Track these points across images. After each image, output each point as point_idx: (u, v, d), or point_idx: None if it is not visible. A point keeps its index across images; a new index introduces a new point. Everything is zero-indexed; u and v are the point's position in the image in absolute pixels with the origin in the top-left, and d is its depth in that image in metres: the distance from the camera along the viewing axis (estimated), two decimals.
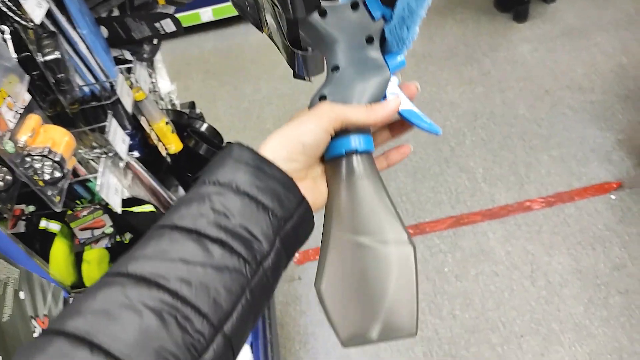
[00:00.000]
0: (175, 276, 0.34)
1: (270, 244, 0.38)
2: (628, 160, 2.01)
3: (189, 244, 0.35)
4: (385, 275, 0.42)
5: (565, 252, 1.78)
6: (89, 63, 1.13)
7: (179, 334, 0.32)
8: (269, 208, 0.39)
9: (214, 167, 0.41)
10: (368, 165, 0.45)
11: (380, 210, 0.44)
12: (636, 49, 2.52)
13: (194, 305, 0.33)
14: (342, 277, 0.43)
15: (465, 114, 2.37)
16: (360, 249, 0.43)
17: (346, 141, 0.44)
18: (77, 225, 1.06)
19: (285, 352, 1.70)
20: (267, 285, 0.38)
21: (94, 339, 0.30)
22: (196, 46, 3.29)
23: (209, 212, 0.37)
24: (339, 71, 0.45)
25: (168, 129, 1.38)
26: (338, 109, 0.43)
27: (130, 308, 0.32)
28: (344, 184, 0.44)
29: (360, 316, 0.42)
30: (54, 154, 0.85)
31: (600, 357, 1.53)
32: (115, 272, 0.34)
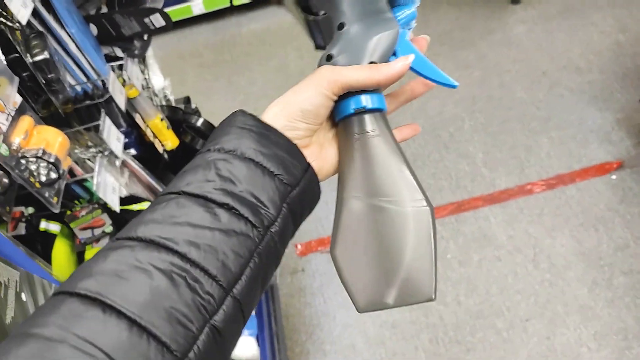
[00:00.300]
0: (183, 239, 0.34)
1: (277, 210, 0.38)
2: (627, 140, 2.00)
3: (197, 208, 0.35)
4: (401, 238, 0.41)
5: (568, 234, 1.77)
6: (79, 62, 1.11)
7: (189, 294, 0.32)
8: (274, 174, 0.39)
9: (218, 135, 0.41)
10: (381, 124, 0.44)
11: (395, 171, 0.42)
12: (633, 26, 2.50)
13: (203, 267, 0.33)
14: (357, 242, 0.42)
15: (462, 99, 2.36)
16: (375, 211, 0.42)
17: (356, 100, 0.43)
18: (77, 225, 1.05)
19: (292, 343, 1.70)
20: (274, 251, 0.38)
21: (105, 299, 0.30)
22: (189, 40, 3.27)
23: (215, 178, 0.37)
24: (345, 28, 0.44)
25: (163, 125, 1.37)
26: (337, 72, 0.42)
27: (141, 269, 0.32)
28: (356, 144, 0.43)
29: (376, 281, 0.41)
30: (48, 155, 0.84)
31: (606, 338, 1.53)
32: (125, 237, 0.35)
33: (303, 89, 0.42)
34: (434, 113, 2.33)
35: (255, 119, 0.41)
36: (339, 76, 0.42)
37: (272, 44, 3.02)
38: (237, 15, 3.32)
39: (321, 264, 1.88)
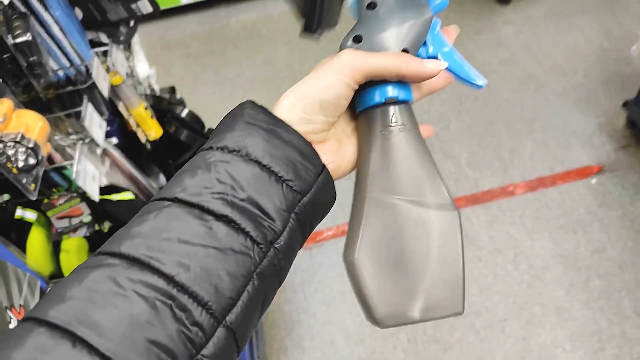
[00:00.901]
0: (172, 259, 0.30)
1: (284, 222, 0.33)
2: (608, 144, 2.03)
3: (191, 221, 0.31)
4: (427, 244, 0.37)
5: (547, 237, 1.80)
6: (62, 46, 1.08)
7: (174, 326, 0.28)
8: (283, 180, 0.34)
9: (223, 129, 0.36)
10: (408, 117, 0.40)
11: (422, 169, 0.39)
12: (617, 32, 2.53)
13: (192, 292, 0.29)
14: (377, 247, 0.37)
15: (449, 98, 2.37)
16: (398, 214, 0.38)
17: (382, 89, 0.39)
18: (54, 214, 1.03)
19: (270, 339, 1.69)
20: (277, 269, 0.34)
21: (77, 330, 0.27)
22: (176, 29, 3.22)
23: (215, 183, 0.33)
24: (376, 8, 0.40)
25: (147, 115, 1.35)
26: (362, 58, 0.38)
27: (120, 296, 0.28)
28: (379, 138, 0.39)
29: (399, 292, 0.37)
30: (27, 140, 0.82)
31: (580, 339, 1.55)
32: (107, 252, 0.31)
33: (322, 76, 0.38)
34: (421, 112, 2.33)
35: (265, 113, 0.37)
36: (364, 62, 0.38)
37: (261, 37, 3.00)
38: (225, 6, 3.29)
39: (303, 260, 1.88)
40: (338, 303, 1.73)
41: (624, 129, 2.06)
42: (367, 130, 0.40)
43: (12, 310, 0.71)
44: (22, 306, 0.75)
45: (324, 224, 1.94)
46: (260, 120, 0.36)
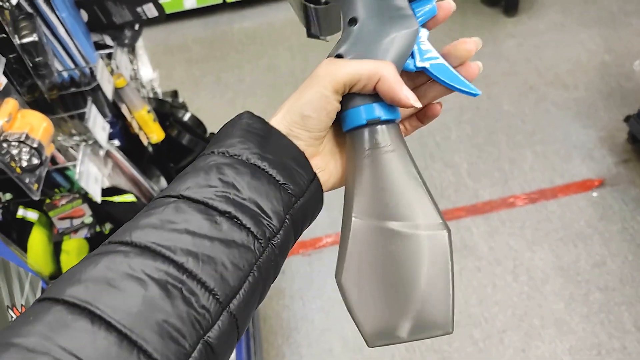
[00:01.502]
0: (181, 248, 0.32)
1: (280, 221, 0.36)
2: (609, 158, 2.04)
3: (196, 215, 0.33)
4: (415, 264, 0.37)
5: (547, 249, 1.79)
6: (68, 47, 1.09)
7: (184, 308, 0.30)
8: (280, 183, 0.36)
9: (222, 137, 0.38)
10: (395, 137, 0.39)
11: (410, 189, 0.38)
12: (618, 47, 2.55)
13: (200, 279, 0.31)
14: (366, 267, 0.38)
15: (451, 108, 2.37)
16: (386, 234, 0.38)
17: (367, 109, 0.38)
18: (55, 215, 1.03)
19: (268, 346, 1.68)
20: (274, 264, 0.36)
21: (95, 309, 0.28)
22: (179, 34, 3.23)
23: (218, 183, 0.35)
24: (357, 24, 0.39)
25: (150, 118, 1.34)
26: (337, 66, 0.38)
27: (134, 278, 0.30)
28: (367, 159, 0.39)
29: (388, 311, 0.37)
30: (31, 140, 0.81)
31: (580, 353, 1.54)
32: (117, 241, 0.32)
33: (304, 90, 0.39)
34: None
35: (262, 122, 0.39)
36: (341, 70, 0.37)
37: (263, 43, 3.01)
38: (229, 12, 3.30)
39: (301, 267, 1.87)
40: (336, 310, 1.73)
41: (625, 143, 2.07)
42: (352, 151, 0.40)
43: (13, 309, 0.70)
44: (23, 306, 0.75)
45: (323, 231, 1.94)
46: (257, 129, 0.38)
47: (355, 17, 0.39)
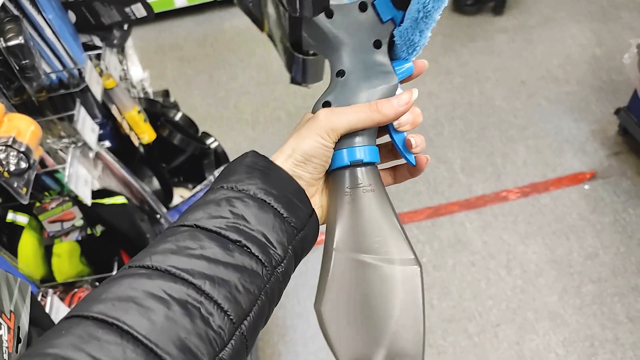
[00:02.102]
0: (199, 272, 0.34)
1: (284, 251, 0.39)
2: (601, 151, 2.05)
3: (210, 242, 0.36)
4: (389, 297, 0.40)
5: (540, 242, 1.80)
6: (55, 49, 1.08)
7: (202, 326, 0.32)
8: (284, 217, 0.39)
9: (230, 173, 0.41)
10: (373, 178, 0.43)
11: (385, 227, 0.42)
12: (609, 40, 2.56)
13: (216, 301, 0.33)
14: (343, 299, 0.41)
15: (443, 104, 2.38)
16: (363, 268, 0.41)
17: (349, 152, 0.42)
18: (45, 218, 1.02)
19: (264, 344, 1.68)
20: (278, 290, 0.39)
21: (123, 325, 0.30)
22: (170, 32, 3.22)
23: (229, 214, 0.38)
24: (344, 76, 0.44)
25: (140, 118, 1.34)
26: (334, 118, 0.42)
27: (157, 297, 0.32)
28: (347, 198, 0.43)
29: (362, 340, 0.40)
30: (19, 144, 0.81)
31: (573, 345, 1.55)
32: (139, 265, 0.35)
33: (305, 137, 0.42)
34: None
35: (266, 160, 0.42)
36: (338, 123, 0.42)
37: (254, 41, 3.00)
38: (220, 9, 3.29)
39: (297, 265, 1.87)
40: None
41: (616, 136, 2.08)
42: (334, 189, 0.44)
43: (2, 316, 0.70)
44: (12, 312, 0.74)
45: None
46: (261, 166, 0.41)
47: (342, 70, 0.44)
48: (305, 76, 0.47)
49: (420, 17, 0.40)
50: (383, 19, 0.43)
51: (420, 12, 0.40)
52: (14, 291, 0.76)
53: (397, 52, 0.45)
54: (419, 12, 0.40)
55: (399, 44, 0.43)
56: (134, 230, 1.11)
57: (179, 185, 1.63)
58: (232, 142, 2.37)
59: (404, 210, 1.98)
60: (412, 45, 0.43)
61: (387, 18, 0.43)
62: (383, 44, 0.43)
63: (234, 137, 2.42)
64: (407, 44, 0.43)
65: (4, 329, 0.72)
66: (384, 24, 0.43)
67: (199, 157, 1.66)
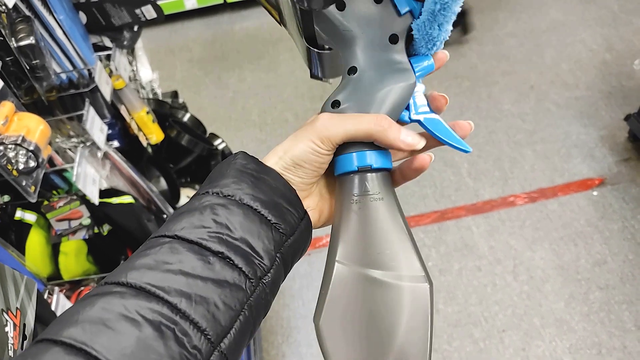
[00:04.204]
0: (175, 289, 0.33)
1: (271, 260, 0.37)
2: (610, 157, 2.03)
3: (190, 255, 0.34)
4: (395, 315, 0.37)
5: (548, 248, 1.79)
6: (66, 49, 1.09)
7: (176, 349, 0.31)
8: (272, 223, 0.38)
9: (217, 177, 0.40)
10: (384, 186, 0.40)
11: (395, 240, 0.38)
12: (619, 46, 2.54)
13: (192, 320, 0.32)
14: (345, 314, 0.38)
15: (451, 108, 2.37)
16: (368, 283, 0.38)
17: (360, 156, 0.39)
18: (53, 216, 1.03)
19: (268, 345, 1.69)
20: (264, 302, 0.37)
21: (91, 350, 0.29)
22: (180, 34, 3.24)
23: (211, 223, 0.36)
24: (357, 74, 0.40)
25: (149, 119, 1.35)
26: (333, 126, 0.39)
27: (129, 319, 0.31)
28: (354, 206, 0.39)
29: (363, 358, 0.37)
30: (28, 143, 0.82)
31: (580, 352, 1.54)
32: (114, 282, 0.33)
33: (299, 140, 0.40)
34: None
35: (256, 162, 0.40)
36: (335, 132, 0.39)
37: (264, 43, 3.01)
38: (230, 12, 3.31)
39: (302, 266, 1.87)
40: None
41: (625, 142, 2.06)
42: (341, 195, 0.40)
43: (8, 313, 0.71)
44: (18, 309, 0.75)
45: (323, 231, 1.93)
46: (251, 169, 0.39)
47: (355, 67, 0.40)
48: (323, 71, 0.44)
49: (437, 10, 0.37)
50: (400, 12, 0.39)
51: (437, 3, 0.36)
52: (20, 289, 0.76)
53: (415, 48, 0.41)
54: (436, 3, 0.36)
55: (417, 38, 0.40)
56: (140, 229, 1.12)
57: (186, 185, 1.64)
58: (240, 144, 2.38)
59: (410, 213, 1.97)
60: (432, 40, 0.39)
61: (405, 10, 0.39)
62: (400, 39, 0.40)
63: (241, 138, 2.43)
64: (425, 39, 0.39)
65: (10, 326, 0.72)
66: (401, 16, 0.39)
67: (207, 158, 1.67)
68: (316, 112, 0.43)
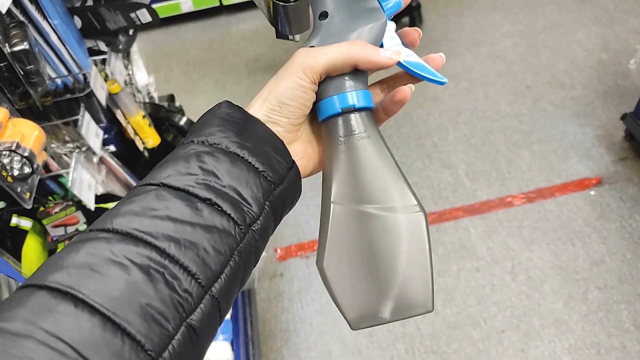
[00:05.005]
0: (163, 234, 0.32)
1: (260, 208, 0.36)
2: (607, 157, 2.03)
3: (177, 202, 0.33)
4: (394, 246, 0.38)
5: (546, 248, 1.79)
6: (61, 54, 1.09)
7: (166, 291, 0.30)
8: (259, 171, 0.37)
9: (202, 126, 0.39)
10: (369, 124, 0.40)
11: (385, 175, 0.39)
12: (615, 45, 2.54)
13: (182, 264, 0.31)
14: (346, 252, 0.39)
15: (448, 109, 2.37)
16: (364, 219, 0.39)
17: (340, 98, 0.40)
18: (49, 222, 1.02)
19: (267, 349, 1.68)
20: (255, 249, 0.36)
21: (78, 293, 0.28)
22: (176, 37, 3.24)
23: (198, 171, 0.35)
24: (328, 18, 0.41)
25: (145, 123, 1.34)
26: (313, 56, 0.39)
27: (116, 263, 0.30)
28: (342, 147, 0.40)
29: (369, 294, 0.38)
30: (22, 149, 0.81)
31: (579, 352, 1.54)
32: (99, 228, 0.32)
33: (281, 79, 0.40)
34: (419, 122, 2.33)
35: (241, 111, 0.39)
36: (315, 60, 0.39)
37: (260, 45, 3.01)
38: (226, 15, 3.31)
39: (300, 269, 1.87)
40: (335, 313, 1.72)
41: (622, 141, 2.07)
42: (328, 139, 0.41)
43: None
44: None
45: None
46: (236, 118, 0.39)
47: (325, 12, 0.41)
48: (290, 26, 0.44)
49: None
50: None
51: None
52: None
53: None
54: None
55: None
56: None
57: None
58: None
59: None
60: None
61: None
62: None
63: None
64: None
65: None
66: None
67: None
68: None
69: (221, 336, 1.43)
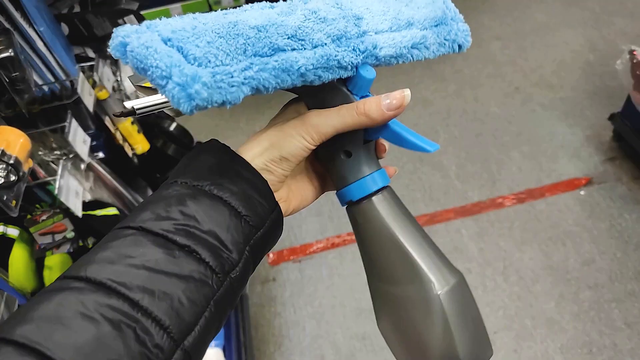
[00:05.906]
0: (137, 285, 0.31)
1: (240, 254, 0.36)
2: (596, 156, 2.05)
3: (154, 248, 0.33)
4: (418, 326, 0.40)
5: (537, 248, 1.80)
6: (47, 61, 1.08)
7: (136, 348, 0.30)
8: (242, 215, 0.36)
9: (187, 165, 0.39)
10: (390, 202, 0.42)
11: (411, 256, 0.41)
12: (602, 46, 2.57)
13: (155, 317, 0.31)
14: (393, 320, 0.42)
15: (438, 111, 2.38)
16: (391, 297, 0.41)
17: (359, 186, 0.41)
18: (36, 230, 1.02)
19: (260, 354, 1.67)
20: (231, 297, 0.36)
21: (45, 349, 0.28)
22: None
23: (178, 215, 0.35)
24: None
25: (134, 129, 1.34)
26: (323, 119, 0.40)
27: (87, 317, 0.29)
28: (368, 229, 0.42)
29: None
30: (8, 157, 0.81)
31: (571, 351, 1.55)
32: (73, 276, 0.32)
33: (288, 133, 0.40)
34: (410, 125, 2.31)
35: (228, 152, 0.39)
36: (325, 128, 0.40)
37: None
38: None
39: (292, 274, 1.86)
40: (328, 317, 1.72)
41: (610, 141, 2.08)
42: (356, 222, 0.43)
43: None
44: None
45: (313, 237, 1.93)
46: (223, 159, 0.38)
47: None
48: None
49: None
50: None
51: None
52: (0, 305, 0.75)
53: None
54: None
55: None
56: None
57: None
58: None
59: None
60: None
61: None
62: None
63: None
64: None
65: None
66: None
67: None
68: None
69: (213, 342, 1.43)
